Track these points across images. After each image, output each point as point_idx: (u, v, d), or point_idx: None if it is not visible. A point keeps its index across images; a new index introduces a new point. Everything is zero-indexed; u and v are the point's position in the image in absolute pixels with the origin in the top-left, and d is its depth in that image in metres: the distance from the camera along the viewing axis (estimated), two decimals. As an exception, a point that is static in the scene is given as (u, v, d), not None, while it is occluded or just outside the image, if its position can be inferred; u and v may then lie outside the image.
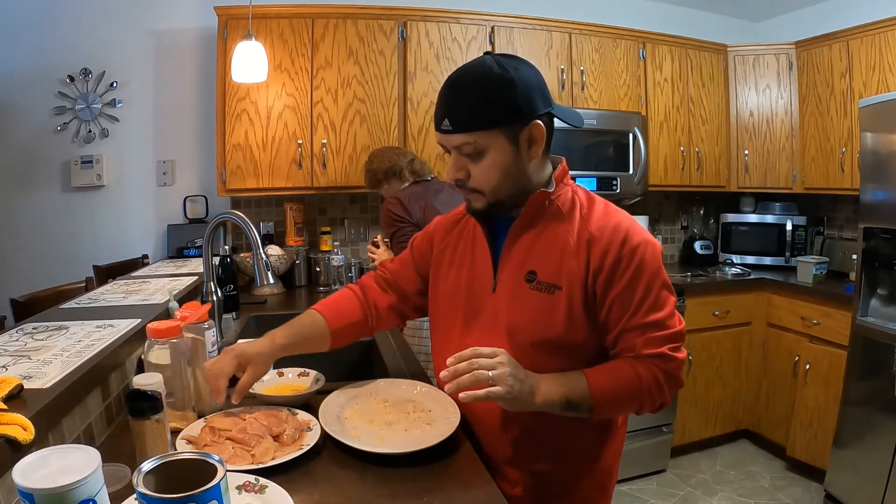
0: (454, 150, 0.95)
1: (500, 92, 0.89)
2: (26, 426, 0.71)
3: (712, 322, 2.86)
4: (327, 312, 1.13)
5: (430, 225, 1.19)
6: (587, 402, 0.91)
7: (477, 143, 0.91)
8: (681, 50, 3.09)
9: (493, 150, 0.92)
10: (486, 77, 0.89)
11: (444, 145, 0.96)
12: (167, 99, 2.73)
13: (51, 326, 1.21)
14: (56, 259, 2.63)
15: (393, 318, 1.21)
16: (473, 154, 0.93)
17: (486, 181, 0.94)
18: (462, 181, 0.97)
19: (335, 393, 1.11)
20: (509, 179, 0.95)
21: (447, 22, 2.66)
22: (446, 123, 0.91)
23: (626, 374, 0.92)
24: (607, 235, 0.94)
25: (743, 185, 3.25)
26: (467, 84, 0.91)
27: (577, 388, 0.91)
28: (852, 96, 2.74)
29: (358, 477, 0.86)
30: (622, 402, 0.94)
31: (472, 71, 0.91)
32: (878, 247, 2.31)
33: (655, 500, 2.58)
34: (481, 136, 0.90)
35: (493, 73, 0.89)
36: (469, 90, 0.90)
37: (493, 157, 0.92)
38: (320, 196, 2.81)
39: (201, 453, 0.64)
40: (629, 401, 0.93)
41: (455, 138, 0.92)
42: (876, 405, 2.21)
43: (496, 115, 0.90)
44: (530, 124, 0.92)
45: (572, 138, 2.78)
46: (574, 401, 0.90)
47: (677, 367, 0.93)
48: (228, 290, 1.85)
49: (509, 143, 0.92)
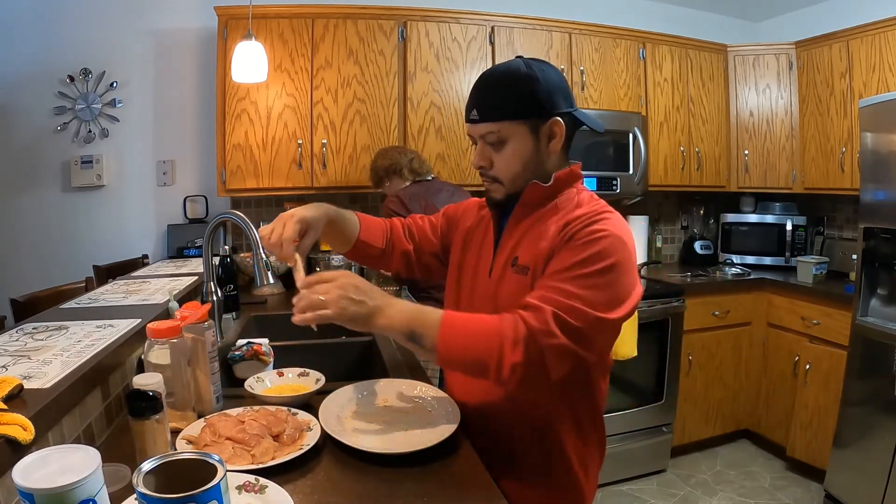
0: (480, 140, 1.01)
1: (524, 86, 0.96)
2: (26, 426, 0.71)
3: (712, 322, 2.86)
4: (363, 223, 1.21)
5: (463, 204, 1.25)
6: (432, 336, 0.88)
7: (501, 133, 0.98)
8: (681, 50, 3.09)
9: (515, 141, 0.98)
10: (513, 73, 0.97)
11: (472, 136, 1.03)
12: (167, 99, 2.73)
13: (51, 326, 1.21)
14: (56, 259, 2.63)
15: (402, 264, 1.26)
16: (497, 143, 0.99)
17: (507, 170, 1.00)
18: (485, 169, 1.02)
19: (335, 393, 1.11)
20: (528, 170, 1.00)
21: (447, 22, 2.66)
22: (474, 113, 0.99)
23: (486, 318, 0.89)
24: (579, 219, 0.95)
25: (743, 185, 3.24)
26: (496, 78, 0.99)
27: (427, 319, 0.90)
28: (852, 96, 2.74)
29: (358, 477, 0.86)
30: (469, 345, 0.88)
31: (502, 68, 0.99)
32: (878, 247, 2.31)
33: (655, 500, 2.58)
34: (505, 126, 0.97)
35: (520, 71, 0.96)
36: (497, 84, 0.98)
37: (514, 147, 0.98)
38: (320, 196, 2.79)
39: (201, 453, 0.64)
40: (477, 345, 0.87)
41: (481, 127, 0.99)
42: (876, 405, 2.21)
43: (520, 107, 0.96)
44: (551, 120, 0.98)
45: (572, 138, 2.77)
46: (418, 332, 0.89)
47: (548, 340, 0.84)
48: (228, 290, 1.84)
49: (531, 135, 0.98)
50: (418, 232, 1.25)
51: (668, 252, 3.56)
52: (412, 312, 0.91)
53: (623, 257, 0.90)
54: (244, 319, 1.93)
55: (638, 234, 3.22)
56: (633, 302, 0.91)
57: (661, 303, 2.67)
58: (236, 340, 1.47)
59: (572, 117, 1.00)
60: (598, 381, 1.04)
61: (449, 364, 0.93)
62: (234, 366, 1.40)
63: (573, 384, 0.98)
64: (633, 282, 0.92)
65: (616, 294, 0.89)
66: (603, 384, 1.05)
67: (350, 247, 1.19)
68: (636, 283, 0.93)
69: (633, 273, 0.92)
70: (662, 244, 3.51)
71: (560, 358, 0.86)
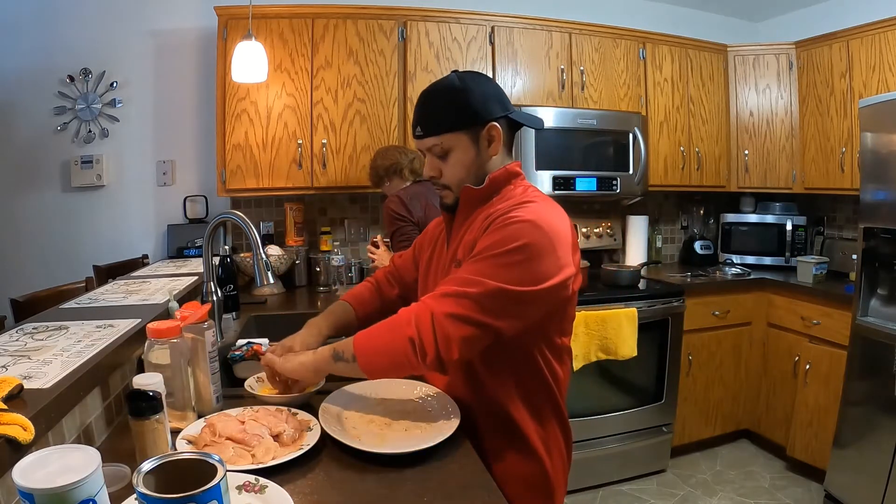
0: (427, 153, 1.10)
1: (459, 99, 1.04)
2: (26, 426, 0.71)
3: (712, 322, 2.86)
4: (355, 303, 1.32)
5: (428, 226, 1.34)
6: (349, 349, 0.99)
7: (443, 144, 1.06)
8: (681, 50, 3.09)
9: (458, 150, 1.06)
10: (447, 88, 1.06)
11: (420, 150, 1.12)
12: (167, 99, 2.73)
13: (51, 326, 1.21)
14: (56, 259, 2.63)
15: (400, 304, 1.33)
16: (442, 154, 1.07)
17: (453, 176, 1.08)
18: (436, 178, 1.11)
19: (335, 393, 1.11)
20: (471, 175, 1.08)
21: (447, 22, 2.66)
22: (418, 130, 1.08)
23: (390, 318, 0.99)
24: (500, 210, 1.03)
25: (743, 185, 3.24)
26: (433, 95, 1.07)
27: (344, 340, 1.02)
28: (852, 96, 2.74)
29: (358, 477, 0.86)
30: (380, 345, 0.97)
31: (438, 85, 1.08)
32: (878, 247, 2.31)
33: (655, 500, 2.58)
34: (446, 138, 1.06)
35: (454, 85, 1.05)
36: (434, 100, 1.07)
37: (457, 156, 1.07)
38: (320, 196, 2.81)
39: (201, 453, 0.64)
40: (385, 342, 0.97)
41: (426, 142, 1.08)
42: (876, 405, 2.21)
43: (457, 119, 1.05)
44: (488, 125, 1.05)
45: (572, 138, 2.78)
46: (339, 351, 1.01)
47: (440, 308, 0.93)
48: (228, 290, 1.85)
49: (471, 142, 1.06)
50: (399, 271, 1.37)
51: (668, 252, 3.56)
52: (334, 343, 1.05)
53: (535, 240, 0.94)
54: (244, 319, 1.93)
55: (638, 234, 3.22)
56: (551, 282, 0.95)
57: (661, 303, 2.67)
58: (236, 340, 1.47)
59: (509, 120, 1.08)
60: (554, 367, 1.07)
61: (371, 366, 0.99)
62: (234, 366, 1.40)
63: (523, 371, 1.05)
64: (552, 264, 0.95)
65: (525, 272, 0.94)
66: (559, 369, 1.09)
67: (356, 328, 1.27)
68: (558, 266, 0.96)
69: (550, 255, 0.95)
70: (662, 244, 3.51)
71: (455, 323, 0.92)
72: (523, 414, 1.06)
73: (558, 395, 1.09)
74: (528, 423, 1.06)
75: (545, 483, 1.09)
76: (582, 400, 2.58)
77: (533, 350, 1.04)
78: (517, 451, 1.06)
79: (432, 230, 1.29)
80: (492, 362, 1.04)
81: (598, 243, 3.18)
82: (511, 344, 1.01)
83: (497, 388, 1.05)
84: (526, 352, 1.04)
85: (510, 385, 1.05)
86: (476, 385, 1.07)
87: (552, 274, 0.95)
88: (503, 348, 1.02)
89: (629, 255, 3.24)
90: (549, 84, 2.83)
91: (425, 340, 0.93)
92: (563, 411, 1.11)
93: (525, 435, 1.06)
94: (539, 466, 1.08)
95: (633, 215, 3.23)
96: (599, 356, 2.50)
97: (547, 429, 1.08)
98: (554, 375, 1.07)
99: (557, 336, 1.07)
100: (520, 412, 1.05)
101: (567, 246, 0.99)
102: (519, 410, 1.05)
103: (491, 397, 1.06)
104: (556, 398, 1.09)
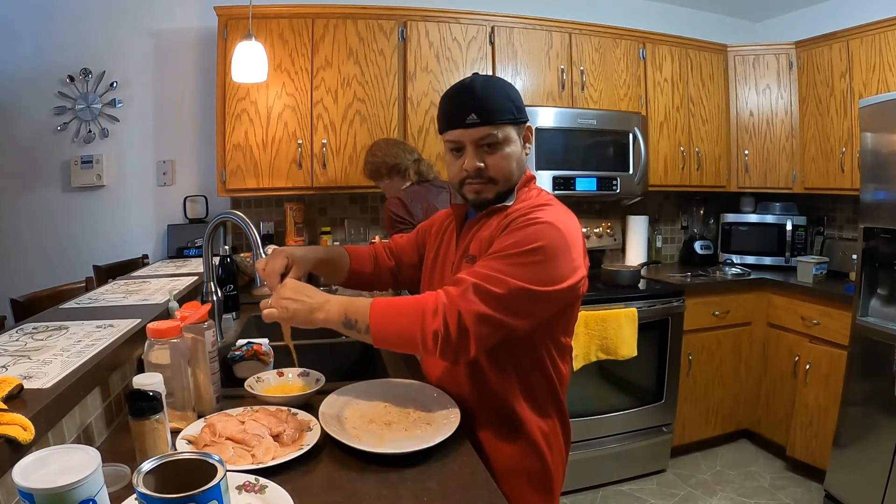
0: (472, 144, 1.05)
1: (514, 93, 1.07)
2: (26, 426, 0.71)
3: (712, 322, 2.86)
4: (352, 254, 1.34)
5: (433, 217, 1.37)
6: (364, 318, 0.97)
7: (499, 134, 1.04)
8: (681, 50, 3.09)
9: (510, 142, 1.06)
10: (501, 82, 1.08)
11: (461, 140, 1.06)
12: (167, 99, 2.73)
13: (51, 326, 1.21)
14: (56, 259, 2.63)
15: (391, 281, 1.41)
16: (494, 144, 1.05)
17: (503, 169, 1.07)
18: (480, 171, 1.07)
19: (335, 393, 1.11)
20: (518, 169, 1.09)
21: (447, 22, 2.66)
22: (472, 118, 1.03)
23: (412, 297, 0.99)
24: (518, 211, 1.04)
25: (743, 185, 3.24)
26: (492, 85, 1.06)
27: (359, 305, 0.98)
28: (852, 96, 2.74)
29: (358, 477, 0.86)
30: (396, 322, 0.96)
31: (489, 78, 1.08)
32: (878, 247, 2.31)
33: (655, 500, 2.58)
34: (503, 129, 1.05)
35: (504, 82, 1.08)
36: (494, 90, 1.05)
37: (510, 147, 1.06)
38: (320, 196, 2.81)
39: (201, 453, 0.64)
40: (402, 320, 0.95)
41: (478, 131, 1.03)
42: (876, 405, 2.21)
43: (514, 112, 1.06)
44: (526, 124, 1.10)
45: (572, 138, 2.78)
46: (352, 318, 0.98)
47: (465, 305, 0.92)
48: (228, 290, 1.85)
49: (518, 137, 1.08)
50: (397, 249, 1.39)
51: (668, 252, 3.56)
52: (346, 303, 1.00)
53: (553, 242, 0.96)
54: (244, 319, 1.93)
55: (638, 234, 3.22)
56: (566, 283, 0.97)
57: (661, 303, 2.67)
58: (236, 340, 1.47)
59: None
60: (557, 364, 1.09)
61: (383, 342, 0.98)
62: (234, 366, 1.40)
63: (528, 368, 1.06)
64: (567, 266, 0.97)
65: (543, 273, 0.95)
66: (562, 367, 1.11)
67: (344, 277, 1.32)
68: (572, 268, 0.98)
69: (565, 257, 0.97)
70: (662, 244, 3.51)
71: (480, 322, 0.92)
72: (526, 409, 1.07)
73: (560, 391, 1.11)
74: (531, 417, 1.07)
75: (545, 478, 1.10)
76: (582, 400, 2.58)
77: (539, 348, 1.06)
78: (519, 446, 1.07)
79: (440, 221, 1.30)
80: (498, 359, 1.06)
81: (598, 243, 3.18)
82: (519, 342, 1.03)
83: (501, 384, 1.06)
84: (532, 349, 1.06)
85: (514, 380, 1.06)
86: (480, 380, 1.08)
87: (567, 275, 0.97)
88: (511, 346, 1.04)
89: (629, 255, 3.24)
90: (549, 84, 2.83)
91: (451, 337, 0.92)
92: (563, 408, 1.13)
93: (527, 430, 1.07)
94: (540, 461, 1.09)
95: (633, 215, 3.23)
96: (599, 356, 2.50)
97: (548, 424, 1.10)
98: (557, 372, 1.09)
99: (563, 335, 1.09)
100: (522, 407, 1.07)
101: (580, 249, 1.01)
102: (522, 405, 1.07)
103: (495, 392, 1.07)
104: (558, 394, 1.11)
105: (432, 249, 1.27)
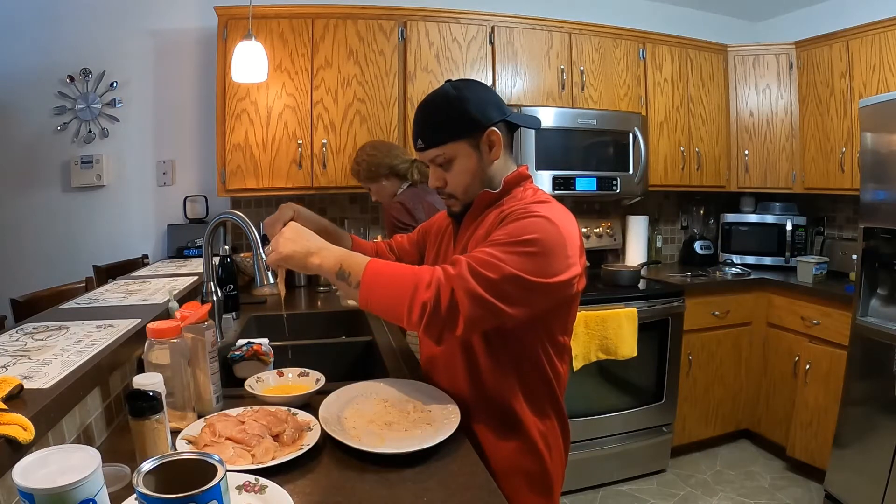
0: (431, 163, 1.11)
1: (457, 109, 1.06)
2: (26, 426, 0.71)
3: (712, 322, 2.86)
4: (355, 241, 1.38)
5: (434, 217, 1.39)
6: (358, 274, 0.98)
7: (446, 154, 1.08)
8: (681, 50, 3.09)
9: (460, 158, 1.08)
10: (443, 98, 1.08)
11: (423, 161, 1.14)
12: (167, 99, 2.73)
13: (51, 326, 1.21)
14: (56, 259, 2.63)
15: None
16: (445, 163, 1.09)
17: (459, 185, 1.11)
18: (441, 188, 1.13)
19: (335, 393, 1.11)
20: (476, 181, 1.10)
21: (447, 22, 2.66)
22: (420, 143, 1.10)
23: (409, 266, 0.99)
24: (514, 206, 1.05)
25: (743, 185, 3.24)
26: (431, 107, 1.09)
27: (356, 260, 1.00)
28: (852, 96, 2.74)
29: (358, 477, 0.86)
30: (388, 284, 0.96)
31: (434, 96, 1.10)
32: (878, 247, 2.31)
33: (655, 500, 2.58)
34: (448, 148, 1.07)
35: (450, 95, 1.07)
36: (433, 111, 1.09)
37: (461, 164, 1.08)
38: (320, 196, 2.81)
39: (201, 453, 0.64)
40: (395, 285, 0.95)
41: (429, 153, 1.09)
42: (876, 405, 2.21)
43: (457, 128, 1.06)
44: (487, 131, 1.07)
45: (572, 138, 2.78)
46: (346, 270, 0.99)
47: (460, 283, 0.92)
48: (228, 290, 1.85)
49: (472, 149, 1.08)
50: (398, 247, 1.43)
51: (668, 252, 3.56)
52: (344, 254, 1.02)
53: (548, 236, 0.96)
54: (244, 319, 1.93)
55: (638, 234, 3.22)
56: (559, 278, 0.96)
57: (661, 303, 2.67)
58: (236, 340, 1.47)
59: (507, 123, 1.10)
60: (555, 364, 1.09)
61: (369, 303, 0.98)
62: (234, 366, 1.40)
63: (526, 367, 1.06)
64: (562, 261, 0.97)
65: (536, 264, 0.94)
66: (560, 367, 1.11)
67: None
68: (567, 264, 0.97)
69: (560, 252, 0.97)
70: (662, 244, 3.51)
71: (472, 302, 0.91)
72: (524, 409, 1.07)
73: (558, 391, 1.11)
74: (529, 418, 1.08)
75: (544, 478, 1.10)
76: (582, 400, 2.58)
77: (537, 346, 1.06)
78: (518, 446, 1.08)
79: (440, 221, 1.32)
80: (496, 357, 1.06)
81: (598, 243, 3.18)
82: (517, 340, 1.04)
83: (499, 383, 1.07)
84: (530, 348, 1.06)
85: (513, 380, 1.07)
86: (478, 379, 1.08)
87: (561, 270, 0.97)
88: (508, 344, 1.04)
89: (629, 255, 3.25)
90: (549, 84, 2.83)
91: (440, 310, 0.92)
92: (562, 408, 1.13)
93: (526, 430, 1.07)
94: (539, 461, 1.09)
95: (633, 215, 3.23)
96: (599, 356, 2.50)
97: (547, 424, 1.10)
98: (555, 372, 1.09)
99: (560, 334, 1.09)
100: (521, 407, 1.07)
101: (576, 247, 1.01)
102: (520, 405, 1.07)
103: (493, 392, 1.07)
104: (556, 395, 1.11)
105: (433, 249, 1.28)
